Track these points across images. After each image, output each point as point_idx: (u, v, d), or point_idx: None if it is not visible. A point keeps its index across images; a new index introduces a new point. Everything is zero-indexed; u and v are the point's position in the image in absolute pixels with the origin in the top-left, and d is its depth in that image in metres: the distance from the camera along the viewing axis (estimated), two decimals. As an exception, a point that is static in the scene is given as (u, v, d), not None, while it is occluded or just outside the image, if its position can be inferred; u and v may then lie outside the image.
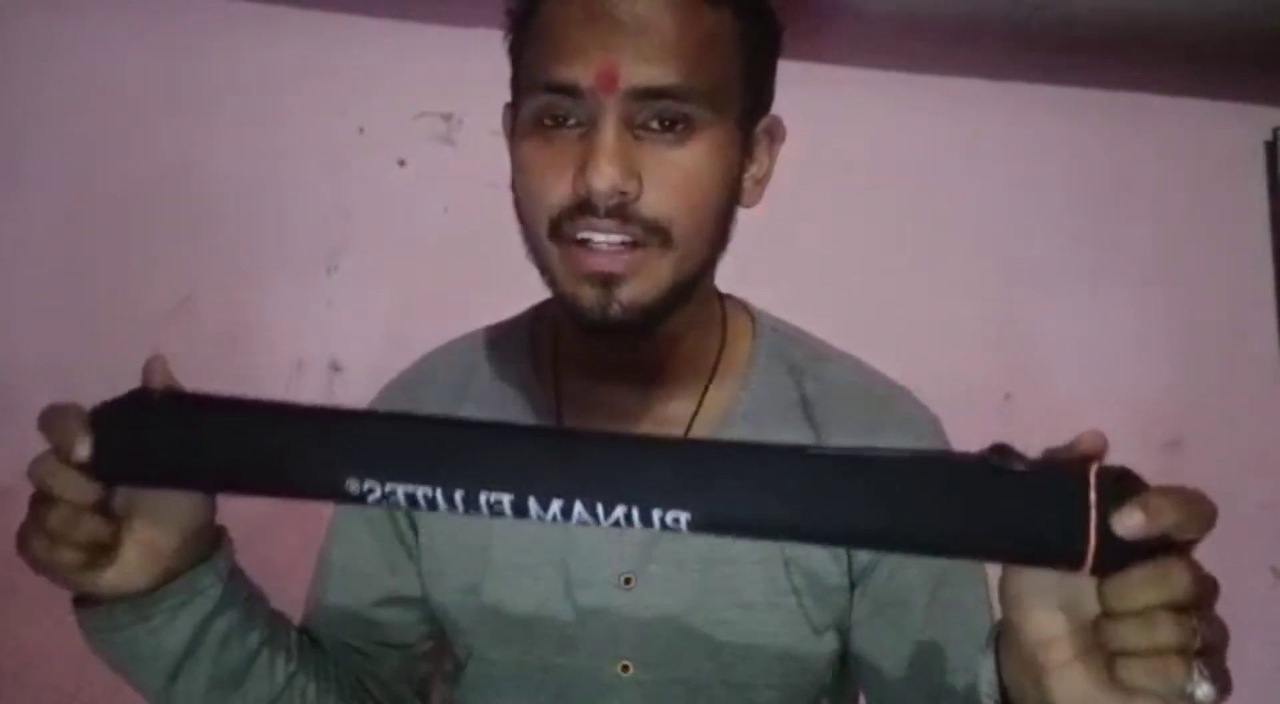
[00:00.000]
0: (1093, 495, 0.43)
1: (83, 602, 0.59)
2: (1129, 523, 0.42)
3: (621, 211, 0.59)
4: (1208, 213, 1.74)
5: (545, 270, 0.64)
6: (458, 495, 0.48)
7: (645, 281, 0.61)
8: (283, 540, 0.78)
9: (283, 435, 0.51)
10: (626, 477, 0.47)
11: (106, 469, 0.52)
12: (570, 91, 0.59)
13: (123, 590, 0.58)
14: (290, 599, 0.76)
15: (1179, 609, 0.42)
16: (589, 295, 0.61)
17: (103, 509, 0.54)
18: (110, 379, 0.54)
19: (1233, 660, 0.45)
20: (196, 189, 1.41)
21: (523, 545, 0.72)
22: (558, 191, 0.60)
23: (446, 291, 1.43)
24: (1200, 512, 0.43)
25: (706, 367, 0.73)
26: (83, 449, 0.51)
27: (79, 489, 0.52)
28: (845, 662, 0.74)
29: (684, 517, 0.46)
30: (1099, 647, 0.45)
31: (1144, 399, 1.67)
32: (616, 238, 0.60)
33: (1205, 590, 0.43)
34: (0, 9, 1.37)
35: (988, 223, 1.68)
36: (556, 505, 0.47)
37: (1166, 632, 0.42)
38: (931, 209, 1.65)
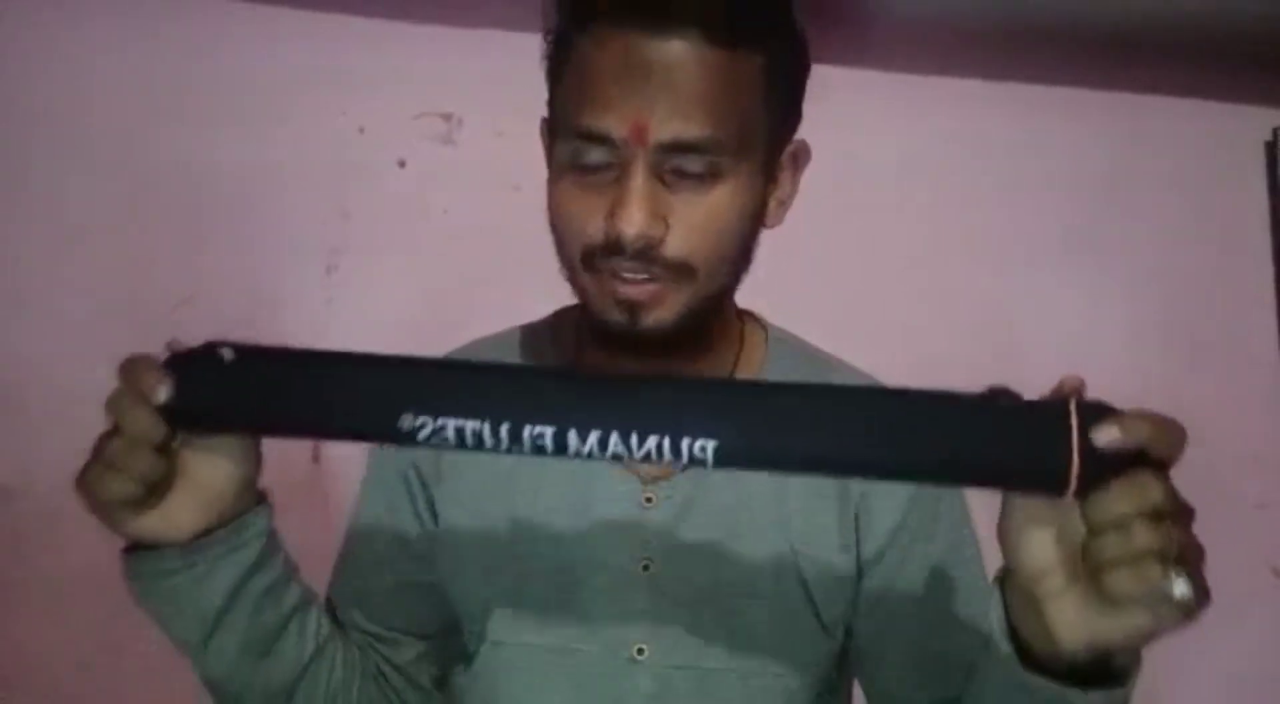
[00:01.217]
0: (1074, 421, 0.48)
1: (129, 549, 0.62)
2: (1106, 436, 0.47)
3: (646, 254, 0.63)
4: (1208, 213, 1.74)
5: (578, 292, 0.69)
6: (504, 429, 0.51)
7: (666, 310, 0.65)
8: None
9: (340, 379, 0.55)
10: (657, 408, 0.51)
11: (179, 413, 0.55)
12: (602, 140, 0.63)
13: (168, 536, 0.60)
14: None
15: (1155, 517, 0.47)
16: (616, 318, 0.65)
17: (163, 450, 0.57)
18: (111, 379, 0.55)
19: (1233, 660, 0.45)
20: (197, 189, 1.41)
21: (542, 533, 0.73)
22: (590, 229, 0.64)
23: (446, 291, 1.43)
24: (1170, 430, 0.49)
25: (724, 374, 0.76)
26: (163, 391, 0.54)
27: (150, 426, 0.55)
28: (846, 653, 0.76)
29: (710, 445, 0.50)
30: (1087, 569, 0.49)
31: (1143, 399, 1.67)
32: (641, 275, 0.64)
33: (1180, 507, 0.48)
34: (0, 9, 1.37)
35: (987, 223, 1.68)
36: (594, 437, 0.50)
37: (1143, 537, 0.46)
38: (931, 209, 1.66)
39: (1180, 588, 0.45)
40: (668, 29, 0.61)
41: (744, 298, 0.83)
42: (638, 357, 0.69)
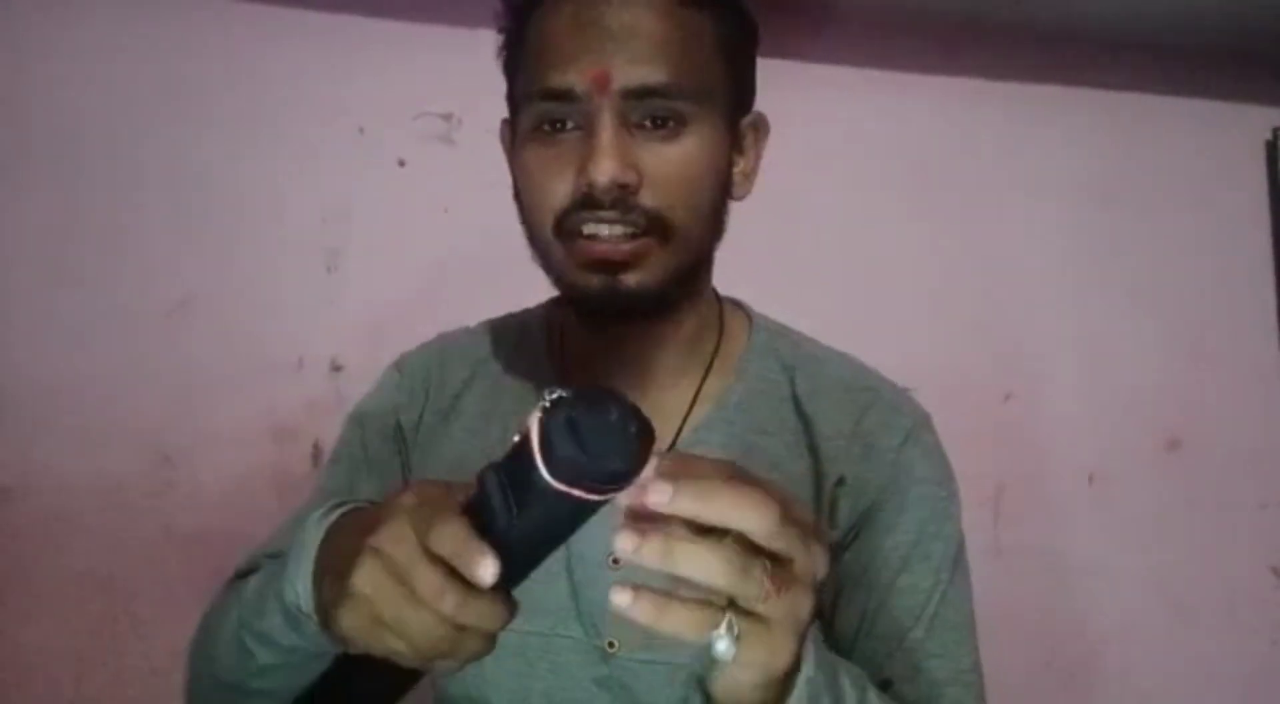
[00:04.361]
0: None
1: None
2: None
3: (623, 203, 0.63)
4: (1208, 213, 1.74)
5: (550, 267, 0.68)
6: None
7: (647, 270, 0.65)
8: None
9: None
10: None
11: None
12: (566, 96, 0.63)
13: None
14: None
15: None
16: (594, 282, 0.65)
17: None
18: (109, 379, 0.55)
19: (1233, 660, 0.45)
20: (196, 189, 1.41)
21: None
22: (561, 190, 0.64)
23: (446, 291, 1.43)
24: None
25: (704, 360, 0.76)
26: None
27: None
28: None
29: None
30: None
31: (1144, 399, 1.67)
32: (619, 229, 0.64)
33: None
34: (0, 9, 1.37)
35: (988, 223, 1.68)
36: None
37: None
38: (931, 209, 1.65)
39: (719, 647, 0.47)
40: None
41: (742, 296, 0.83)
42: (619, 330, 0.70)
